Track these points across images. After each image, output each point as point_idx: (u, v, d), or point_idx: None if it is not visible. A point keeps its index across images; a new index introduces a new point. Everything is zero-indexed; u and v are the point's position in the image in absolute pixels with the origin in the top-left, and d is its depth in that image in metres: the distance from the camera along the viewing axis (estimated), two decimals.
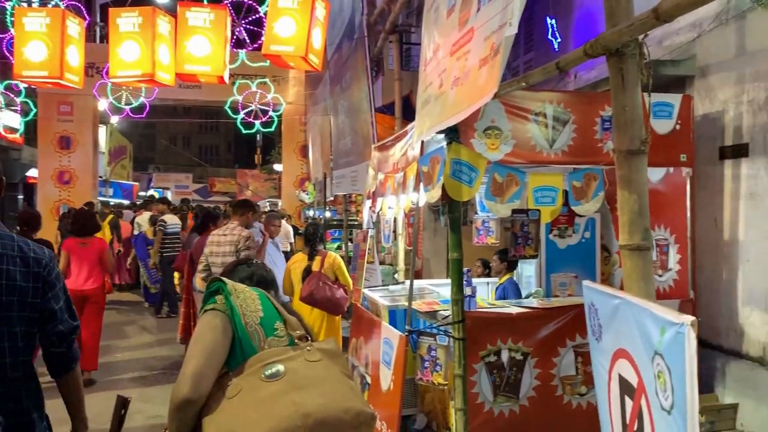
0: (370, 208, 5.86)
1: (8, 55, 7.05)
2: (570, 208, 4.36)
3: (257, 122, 13.13)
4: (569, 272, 4.86)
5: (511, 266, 5.67)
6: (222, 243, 5.70)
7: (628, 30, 1.83)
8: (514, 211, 4.06)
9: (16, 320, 2.07)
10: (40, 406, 2.16)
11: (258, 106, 12.94)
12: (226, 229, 5.79)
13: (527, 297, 5.00)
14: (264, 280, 2.31)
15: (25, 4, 9.83)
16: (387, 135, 6.84)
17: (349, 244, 9.68)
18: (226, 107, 13.01)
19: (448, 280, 5.78)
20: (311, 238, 5.90)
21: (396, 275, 6.48)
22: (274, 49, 4.72)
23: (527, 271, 5.21)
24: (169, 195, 30.11)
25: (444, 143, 3.96)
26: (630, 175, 1.99)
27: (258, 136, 27.48)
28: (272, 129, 14.05)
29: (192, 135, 55.41)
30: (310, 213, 14.24)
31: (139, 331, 9.16)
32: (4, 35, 7.58)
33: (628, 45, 1.94)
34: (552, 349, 4.14)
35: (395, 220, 5.73)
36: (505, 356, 4.03)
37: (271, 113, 13.13)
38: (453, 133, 3.84)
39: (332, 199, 11.58)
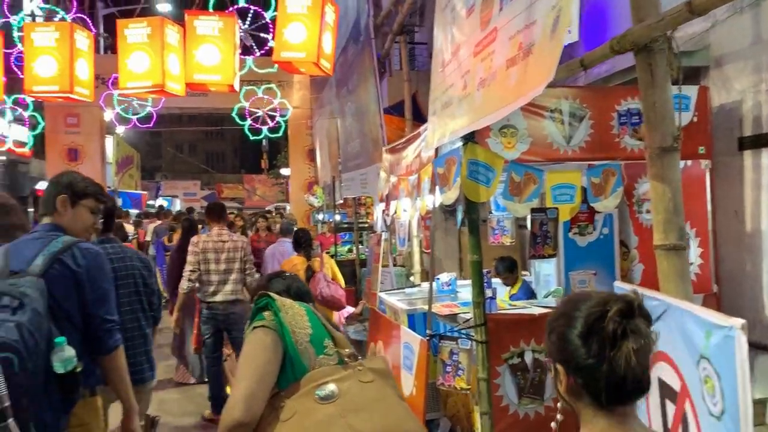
0: (384, 211, 5.82)
1: (16, 69, 7.05)
2: (589, 205, 4.31)
3: (265, 128, 13.10)
4: (588, 269, 4.81)
5: (515, 270, 5.65)
6: (221, 249, 5.57)
7: (658, 25, 1.78)
8: (533, 210, 4.01)
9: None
10: None
11: (265, 112, 12.91)
12: (220, 234, 5.63)
13: (547, 296, 4.94)
14: (300, 293, 2.23)
15: (29, 19, 9.84)
16: (395, 136, 6.79)
17: (360, 246, 9.65)
18: (234, 114, 12.99)
19: (463, 281, 5.76)
20: (303, 241, 5.96)
21: (411, 278, 6.43)
22: (285, 55, 4.67)
23: (546, 270, 5.15)
24: (177, 203, 30.16)
25: (459, 144, 3.91)
26: (663, 173, 1.94)
27: (264, 141, 27.52)
28: (280, 134, 14.00)
29: (198, 142, 55.53)
30: (320, 217, 14.22)
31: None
32: (10, 50, 7.58)
33: (656, 40, 1.88)
34: None
35: (410, 223, 5.68)
36: (528, 358, 3.98)
37: (278, 118, 13.10)
38: (468, 134, 3.79)
39: (341, 202, 11.55)
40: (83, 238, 2.71)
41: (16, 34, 9.09)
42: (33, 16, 12.00)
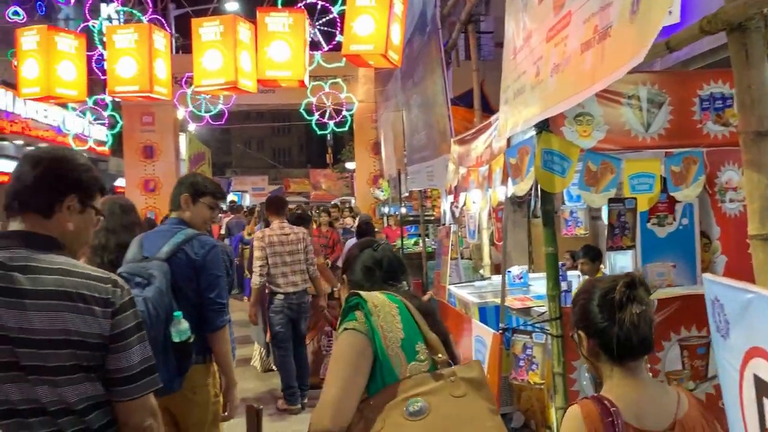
0: (452, 203, 5.77)
1: (97, 71, 7.41)
2: (668, 194, 4.14)
3: (331, 123, 13.23)
4: (667, 261, 4.63)
5: (597, 261, 5.48)
6: (286, 242, 5.75)
7: (756, 2, 1.68)
8: (610, 201, 3.88)
9: None
10: None
11: (331, 106, 13.03)
12: (282, 228, 5.81)
13: None
14: (394, 266, 2.13)
15: (107, 22, 10.27)
16: (461, 127, 6.71)
17: (426, 239, 9.61)
18: (301, 110, 13.16)
19: (534, 274, 5.66)
20: (366, 232, 6.12)
21: (481, 271, 6.36)
22: (354, 48, 4.67)
23: (621, 261, 4.99)
24: (247, 197, 30.91)
25: (532, 133, 3.83)
26: (759, 159, 1.83)
27: (328, 135, 27.81)
28: (345, 128, 14.10)
29: (265, 138, 56.82)
30: (385, 210, 14.26)
31: None
32: (92, 53, 7.93)
33: (752, 18, 1.78)
34: (655, 343, 3.94)
35: (479, 215, 5.62)
36: None
37: (344, 112, 13.20)
38: (542, 122, 3.70)
39: (407, 195, 11.52)
40: (203, 231, 3.14)
41: (96, 37, 9.51)
42: (110, 19, 12.51)
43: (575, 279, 5.36)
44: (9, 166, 14.79)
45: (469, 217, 5.70)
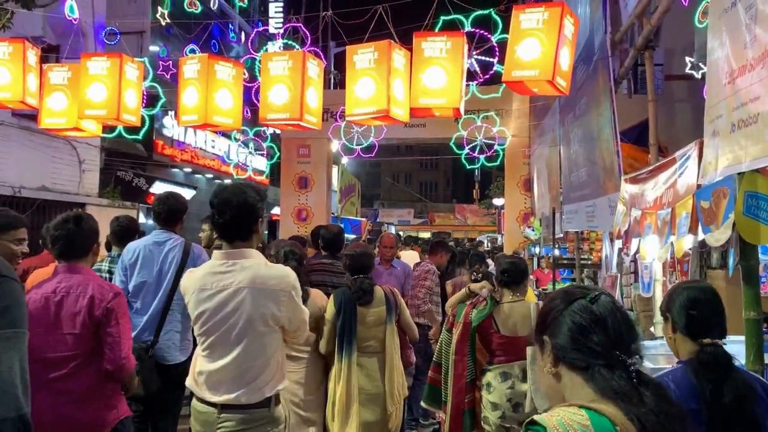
0: (621, 249, 5.10)
1: (257, 102, 7.58)
2: None
3: (482, 157, 12.79)
4: None
5: None
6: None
7: None
8: None
9: None
10: None
11: (483, 140, 12.61)
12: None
13: None
14: (622, 329, 1.46)
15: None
16: (626, 165, 6.04)
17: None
18: (451, 143, 12.88)
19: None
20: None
21: (652, 329, 5.58)
22: (517, 74, 4.26)
23: None
24: (392, 230, 31.21)
25: (729, 172, 3.18)
26: None
27: (476, 171, 27.41)
28: (497, 163, 13.57)
29: (413, 172, 57.66)
30: (536, 250, 13.53)
31: None
32: (252, 84, 8.19)
33: None
34: None
35: (654, 265, 4.90)
36: None
37: (496, 147, 12.72)
38: None
39: (561, 236, 10.79)
40: None
41: (258, 70, 9.89)
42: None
43: None
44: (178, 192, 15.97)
45: (643, 267, 4.98)
